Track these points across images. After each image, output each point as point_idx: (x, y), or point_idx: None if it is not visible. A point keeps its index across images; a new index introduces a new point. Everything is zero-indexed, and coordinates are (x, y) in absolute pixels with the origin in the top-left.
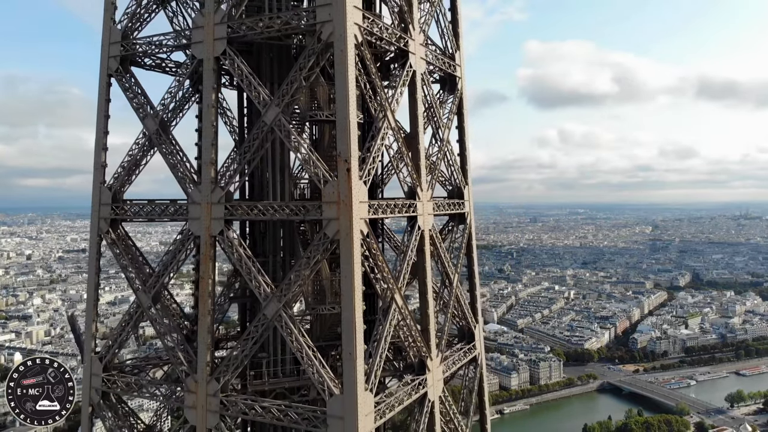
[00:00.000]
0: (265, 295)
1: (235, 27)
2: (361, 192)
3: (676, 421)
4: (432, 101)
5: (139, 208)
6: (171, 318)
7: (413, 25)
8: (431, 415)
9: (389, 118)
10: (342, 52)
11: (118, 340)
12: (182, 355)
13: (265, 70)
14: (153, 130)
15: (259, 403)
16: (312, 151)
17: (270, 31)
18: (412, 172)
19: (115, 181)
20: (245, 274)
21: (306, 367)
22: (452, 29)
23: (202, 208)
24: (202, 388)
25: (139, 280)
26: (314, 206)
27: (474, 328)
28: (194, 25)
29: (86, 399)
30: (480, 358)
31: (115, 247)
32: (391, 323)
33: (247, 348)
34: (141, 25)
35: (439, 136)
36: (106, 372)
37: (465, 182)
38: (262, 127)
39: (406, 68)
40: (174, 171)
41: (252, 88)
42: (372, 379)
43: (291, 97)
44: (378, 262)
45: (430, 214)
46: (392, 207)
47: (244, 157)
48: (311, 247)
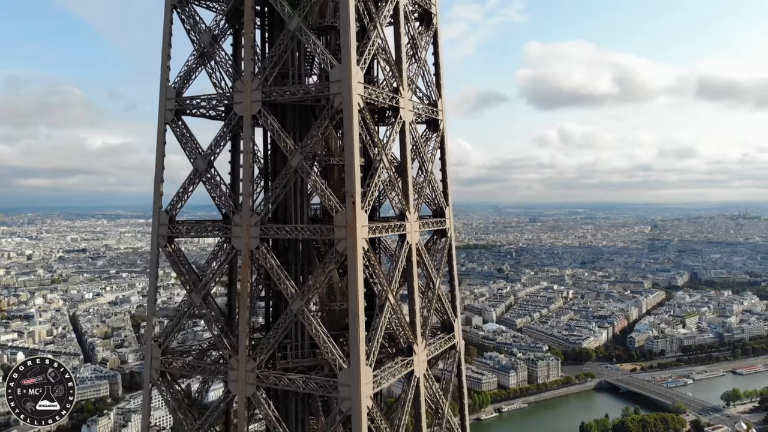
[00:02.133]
0: (291, 295)
1: (268, 93)
2: (362, 218)
3: (672, 420)
4: (418, 141)
5: (189, 227)
6: (214, 310)
7: (403, 86)
8: (417, 389)
9: (384, 161)
10: (349, 117)
11: (174, 331)
12: (226, 340)
13: (289, 121)
14: (203, 168)
15: (287, 376)
16: (326, 187)
17: (294, 97)
18: (401, 199)
19: (171, 207)
20: (275, 279)
21: (322, 349)
22: (436, 82)
23: (242, 229)
24: (242, 365)
25: (189, 283)
26: (328, 229)
27: (453, 321)
28: (235, 90)
29: (147, 377)
30: (459, 346)
31: (171, 258)
32: (386, 316)
33: (277, 335)
34: (188, 82)
35: (424, 168)
36: (163, 356)
37: (446, 203)
38: (288, 170)
39: (397, 119)
40: (218, 200)
41: (281, 139)
42: (371, 358)
43: (311, 148)
44: (375, 270)
45: (416, 231)
46: (387, 227)
47: (274, 191)
48: (326, 259)
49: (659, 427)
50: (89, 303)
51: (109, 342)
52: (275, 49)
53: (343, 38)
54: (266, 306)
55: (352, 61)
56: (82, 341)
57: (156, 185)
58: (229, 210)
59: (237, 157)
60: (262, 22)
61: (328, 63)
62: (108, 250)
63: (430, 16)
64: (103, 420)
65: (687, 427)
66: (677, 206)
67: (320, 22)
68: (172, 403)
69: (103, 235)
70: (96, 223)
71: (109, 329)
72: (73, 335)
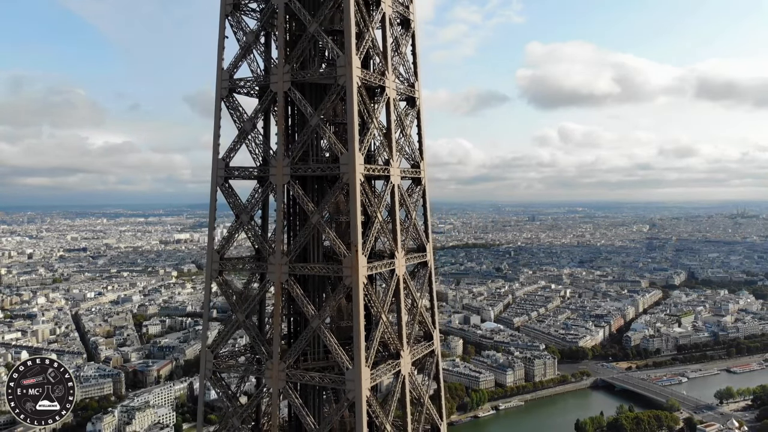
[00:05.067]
0: (311, 315)
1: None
2: (363, 261)
3: (666, 417)
4: (403, 195)
5: (233, 264)
6: (251, 323)
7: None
8: (403, 384)
9: (379, 217)
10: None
11: (223, 341)
12: (264, 348)
13: (308, 188)
14: (246, 220)
15: (308, 374)
16: (337, 237)
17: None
18: (391, 242)
19: (221, 248)
20: (299, 303)
21: (334, 354)
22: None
23: (275, 267)
24: (276, 366)
25: (235, 306)
26: (338, 268)
27: (432, 331)
28: (270, 165)
29: (202, 375)
30: (437, 351)
31: (222, 287)
32: (380, 330)
33: (301, 344)
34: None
35: (409, 216)
36: (215, 359)
37: (427, 241)
38: (309, 225)
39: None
40: (257, 244)
41: (304, 203)
42: (369, 360)
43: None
44: (372, 297)
45: (403, 265)
46: (381, 264)
47: (299, 241)
48: (336, 290)
49: (653, 424)
50: (91, 302)
51: (111, 341)
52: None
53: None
54: (288, 321)
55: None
56: (85, 340)
57: (210, 230)
58: (264, 250)
59: (267, 210)
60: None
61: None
62: (108, 249)
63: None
64: (107, 418)
65: (680, 424)
66: (676, 205)
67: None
68: (221, 393)
69: (103, 233)
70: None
71: (112, 328)
72: (76, 334)
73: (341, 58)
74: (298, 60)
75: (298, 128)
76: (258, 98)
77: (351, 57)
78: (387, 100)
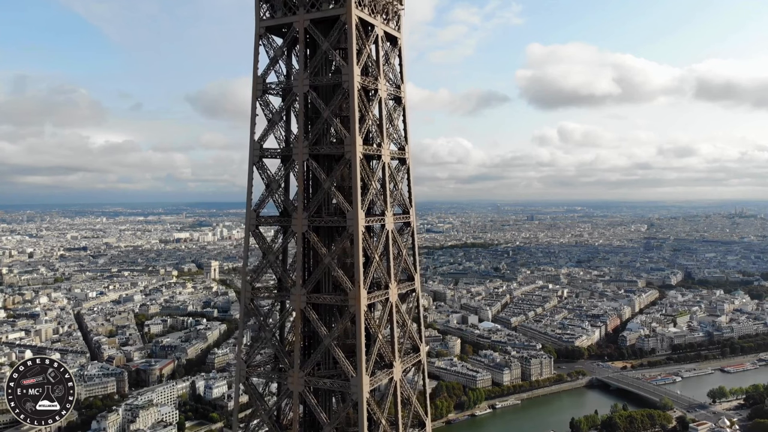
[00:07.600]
0: (323, 335)
1: (311, 224)
2: (364, 293)
3: (659, 416)
4: (396, 238)
5: (261, 292)
6: (275, 340)
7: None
8: (395, 388)
9: (376, 258)
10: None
11: (254, 352)
12: (286, 359)
13: (321, 234)
14: (272, 260)
15: (322, 380)
16: (344, 274)
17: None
18: (386, 276)
19: (252, 279)
20: (314, 325)
21: (341, 364)
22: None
23: (295, 297)
24: (296, 373)
25: (262, 327)
26: (344, 299)
27: (419, 345)
28: (293, 217)
29: (237, 379)
30: (423, 361)
31: (253, 309)
32: (377, 346)
33: (316, 357)
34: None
35: (401, 254)
36: (248, 367)
37: (414, 271)
38: (322, 264)
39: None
40: (278, 274)
41: (318, 247)
42: (369, 369)
43: (336, 253)
44: (371, 321)
45: (395, 293)
46: (378, 295)
47: (313, 277)
48: (344, 316)
49: (646, 423)
50: (93, 302)
51: (114, 340)
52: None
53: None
54: (303, 337)
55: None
56: (88, 339)
57: (243, 265)
58: (286, 282)
59: (287, 251)
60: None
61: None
62: (108, 248)
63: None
64: (112, 416)
65: (673, 423)
66: (675, 204)
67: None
68: (254, 394)
69: (103, 232)
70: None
71: (114, 327)
72: (79, 334)
73: (347, 138)
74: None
75: (313, 190)
76: (281, 161)
77: (355, 137)
78: (382, 165)
